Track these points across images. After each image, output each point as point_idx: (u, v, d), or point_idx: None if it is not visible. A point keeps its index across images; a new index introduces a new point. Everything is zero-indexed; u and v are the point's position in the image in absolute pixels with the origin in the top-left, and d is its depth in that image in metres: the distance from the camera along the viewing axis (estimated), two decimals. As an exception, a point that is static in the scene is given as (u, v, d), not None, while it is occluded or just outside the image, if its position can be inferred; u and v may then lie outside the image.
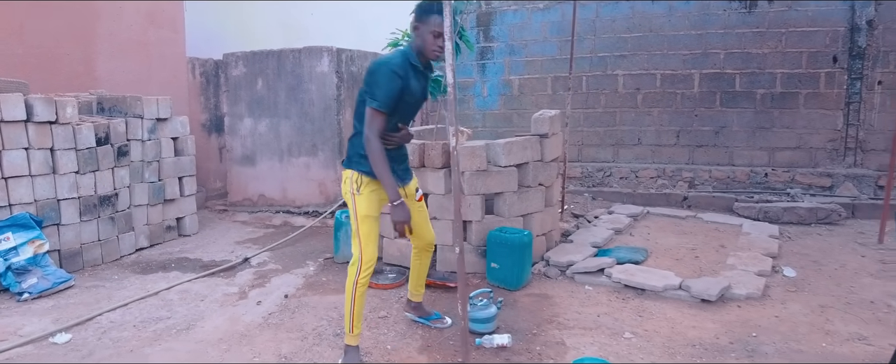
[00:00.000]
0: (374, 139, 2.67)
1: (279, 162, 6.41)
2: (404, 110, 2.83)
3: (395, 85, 2.66)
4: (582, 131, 7.54)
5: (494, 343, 3.12)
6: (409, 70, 2.75)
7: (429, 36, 2.68)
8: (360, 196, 2.81)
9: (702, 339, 3.21)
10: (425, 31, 2.69)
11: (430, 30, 2.67)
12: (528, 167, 4.45)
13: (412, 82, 2.76)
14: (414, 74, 2.78)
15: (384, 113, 2.67)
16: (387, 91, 2.65)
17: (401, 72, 2.68)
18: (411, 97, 2.79)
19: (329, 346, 3.20)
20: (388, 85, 2.65)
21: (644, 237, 5.21)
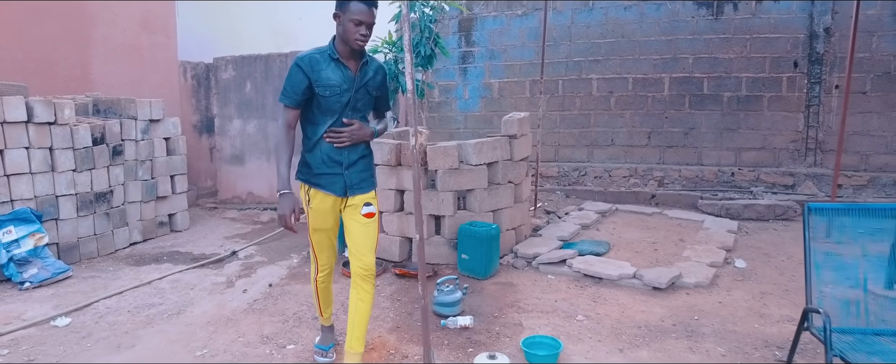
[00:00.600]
0: (279, 130, 2.71)
1: (267, 161, 6.70)
2: (327, 103, 2.69)
3: (297, 77, 2.64)
4: (558, 132, 7.87)
5: (458, 324, 3.43)
6: (322, 62, 2.67)
7: (349, 24, 2.60)
8: (309, 208, 2.82)
9: (648, 321, 3.53)
10: (345, 20, 2.61)
11: (350, 17, 2.59)
12: (498, 166, 4.76)
13: (327, 73, 2.66)
14: (331, 66, 2.68)
15: (289, 107, 2.69)
16: (289, 84, 2.67)
17: (304, 64, 2.65)
18: (328, 89, 2.66)
19: (308, 327, 3.50)
20: (290, 78, 2.67)
21: (609, 232, 5.54)
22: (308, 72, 2.65)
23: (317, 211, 2.82)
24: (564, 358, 3.04)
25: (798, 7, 6.81)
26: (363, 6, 2.59)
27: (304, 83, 2.65)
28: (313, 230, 2.86)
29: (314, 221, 2.85)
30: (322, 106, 2.70)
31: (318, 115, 2.73)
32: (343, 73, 2.70)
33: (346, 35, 2.63)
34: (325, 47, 2.73)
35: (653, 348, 3.16)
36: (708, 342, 3.22)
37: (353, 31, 2.61)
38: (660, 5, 7.24)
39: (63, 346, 3.26)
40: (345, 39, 2.66)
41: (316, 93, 2.66)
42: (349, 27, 2.61)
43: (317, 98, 2.68)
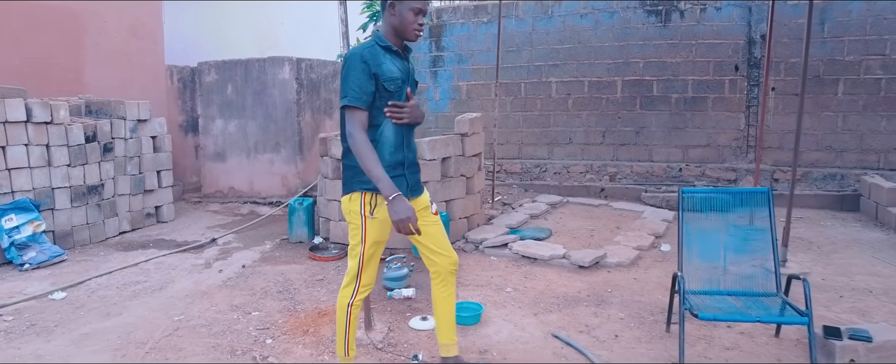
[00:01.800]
0: (358, 133, 2.36)
1: (247, 158, 7.24)
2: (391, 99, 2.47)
3: (364, 75, 2.37)
4: (521, 132, 8.44)
5: (402, 295, 3.99)
6: (381, 53, 2.44)
7: (408, 13, 2.40)
8: (373, 220, 2.49)
9: (567, 293, 4.09)
10: (404, 9, 2.40)
11: (411, 6, 2.40)
12: (450, 161, 5.31)
13: (389, 66, 2.43)
14: (389, 57, 2.46)
15: (359, 108, 2.38)
16: (356, 83, 2.36)
17: (369, 58, 2.39)
18: (392, 83, 2.44)
19: (272, 299, 4.04)
20: (354, 77, 2.36)
21: (556, 221, 6.11)
22: (373, 66, 2.39)
23: (381, 221, 2.51)
24: (485, 319, 3.60)
25: (738, 15, 7.40)
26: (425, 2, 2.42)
27: (372, 80, 2.38)
28: (372, 243, 2.54)
29: (375, 234, 2.53)
30: (387, 99, 2.46)
31: (378, 115, 2.47)
32: (401, 64, 2.51)
33: (404, 25, 2.43)
34: (370, 42, 2.51)
35: (563, 313, 3.72)
36: (613, 309, 3.79)
37: (412, 21, 2.43)
38: (613, 13, 7.82)
39: (60, 315, 3.79)
40: (400, 30, 2.46)
41: (381, 88, 2.41)
42: (408, 16, 2.41)
43: (379, 94, 2.43)
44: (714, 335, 3.35)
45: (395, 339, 3.36)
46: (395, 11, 2.44)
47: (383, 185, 2.33)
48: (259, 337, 3.41)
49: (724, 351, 3.16)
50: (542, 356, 3.12)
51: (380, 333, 3.41)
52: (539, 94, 8.30)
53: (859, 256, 4.84)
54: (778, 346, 3.19)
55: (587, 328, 3.48)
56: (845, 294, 3.98)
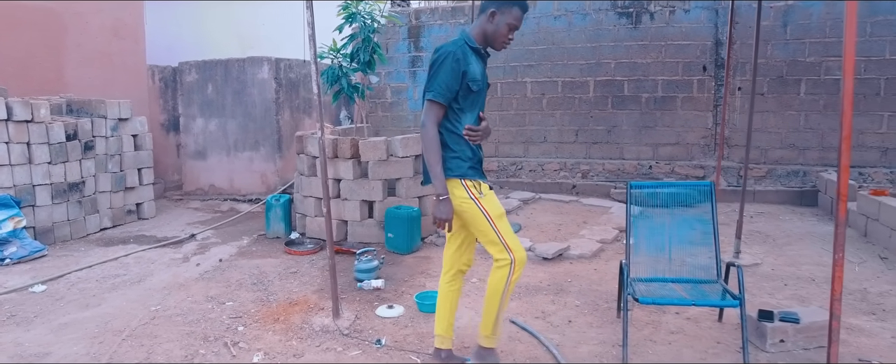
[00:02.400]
0: (431, 127, 2.53)
1: (227, 156, 7.38)
2: (475, 99, 2.63)
3: (456, 73, 2.51)
4: (498, 130, 8.64)
5: (372, 286, 4.17)
6: (470, 54, 2.59)
7: (504, 27, 2.56)
8: (485, 198, 2.62)
9: (529, 283, 4.29)
10: (502, 21, 2.55)
11: (508, 21, 2.55)
12: (422, 158, 5.50)
13: (474, 67, 2.58)
14: (475, 59, 2.61)
15: (441, 104, 2.53)
16: (446, 79, 2.51)
17: (461, 57, 2.53)
18: (476, 83, 2.58)
19: (247, 290, 4.21)
20: (446, 73, 2.50)
21: (526, 216, 6.32)
22: (463, 65, 2.53)
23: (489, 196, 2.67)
24: (449, 308, 3.79)
25: (705, 17, 7.66)
26: (522, 13, 2.59)
27: (459, 79, 2.52)
28: (498, 217, 2.64)
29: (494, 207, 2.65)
30: (469, 100, 2.60)
31: (463, 112, 2.61)
32: (482, 67, 2.66)
33: (497, 36, 2.59)
34: (459, 39, 2.64)
35: (523, 300, 3.92)
36: (570, 297, 3.99)
37: (506, 34, 2.59)
38: (585, 15, 8.05)
39: (39, 306, 3.93)
40: (491, 39, 2.62)
41: (465, 87, 2.55)
42: (502, 30, 2.58)
43: (463, 93, 2.57)
44: (662, 321, 3.57)
45: (362, 325, 3.54)
46: (494, 21, 2.59)
47: (438, 183, 2.55)
48: (231, 325, 3.58)
49: (669, 335, 3.38)
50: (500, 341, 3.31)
51: (347, 321, 3.59)
52: (515, 94, 8.51)
53: (809, 248, 5.09)
54: (720, 329, 3.41)
55: (543, 314, 3.68)
56: (790, 282, 4.22)
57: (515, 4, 2.57)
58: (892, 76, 7.09)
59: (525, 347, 3.22)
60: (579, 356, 3.12)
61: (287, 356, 3.16)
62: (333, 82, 5.79)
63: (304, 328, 3.52)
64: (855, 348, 3.15)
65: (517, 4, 2.58)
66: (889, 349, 3.15)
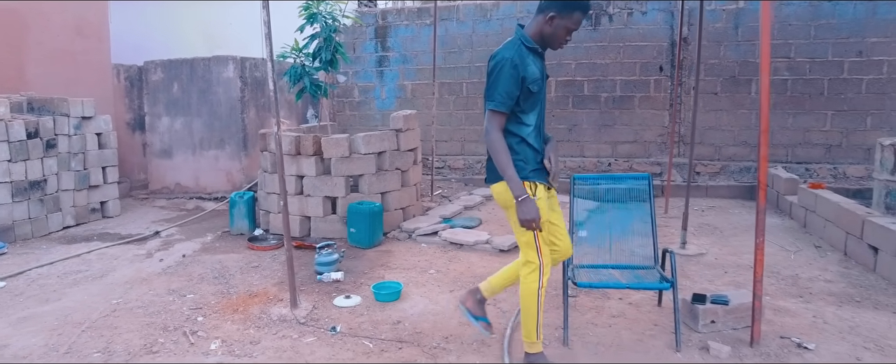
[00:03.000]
0: (494, 133, 2.59)
1: (192, 155, 7.42)
2: (536, 99, 2.67)
3: (514, 81, 2.55)
4: (464, 129, 8.82)
5: (331, 278, 4.29)
6: (527, 55, 2.62)
7: (562, 30, 2.58)
8: (538, 202, 2.63)
9: (484, 273, 4.45)
10: (561, 24, 2.56)
11: (567, 24, 2.56)
12: (385, 155, 5.64)
13: (532, 67, 2.61)
14: (532, 58, 2.64)
15: (503, 113, 2.59)
16: (506, 88, 2.55)
17: (518, 63, 2.56)
18: (535, 83, 2.61)
19: (208, 283, 4.30)
20: (505, 82, 2.54)
21: (488, 211, 6.50)
22: (522, 70, 2.56)
23: (542, 201, 2.70)
24: (405, 296, 3.94)
25: (662, 19, 7.94)
26: (583, 15, 2.59)
27: (519, 85, 2.56)
28: (543, 223, 2.68)
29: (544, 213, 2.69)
30: (529, 101, 2.64)
31: (524, 114, 2.66)
32: (541, 65, 2.69)
33: (554, 37, 2.62)
34: (515, 41, 2.66)
35: (476, 290, 4.09)
36: (522, 286, 4.17)
37: (563, 36, 2.62)
38: (547, 17, 8.26)
39: (-1, 301, 3.97)
40: (549, 40, 2.64)
41: (525, 89, 2.60)
42: (560, 33, 2.60)
43: (524, 94, 2.61)
44: (605, 306, 3.77)
45: (318, 315, 3.67)
46: (553, 24, 2.58)
47: (514, 185, 2.55)
48: (191, 315, 3.67)
49: (611, 318, 3.57)
50: (448, 325, 3.47)
51: (304, 311, 3.71)
52: (480, 94, 8.68)
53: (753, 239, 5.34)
54: (658, 313, 3.62)
55: (494, 301, 3.85)
56: (730, 270, 4.46)
57: (577, 8, 2.55)
58: (835, 77, 7.45)
59: (474, 331, 3.38)
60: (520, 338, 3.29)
61: (244, 343, 3.27)
62: (296, 81, 5.89)
63: (263, 318, 3.63)
64: (779, 327, 3.39)
65: (579, 8, 2.56)
66: (809, 327, 3.39)
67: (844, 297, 3.89)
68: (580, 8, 2.57)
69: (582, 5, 2.57)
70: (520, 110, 2.63)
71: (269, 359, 3.08)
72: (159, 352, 3.17)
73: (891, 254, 4.09)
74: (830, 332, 3.33)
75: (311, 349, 3.18)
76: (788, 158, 7.76)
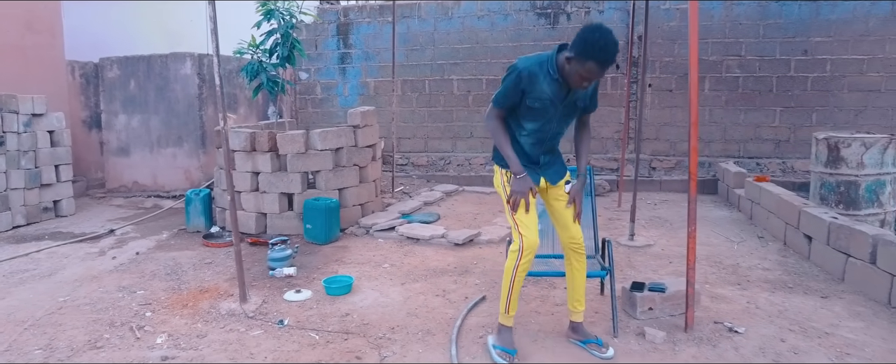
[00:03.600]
0: (491, 119, 2.85)
1: (150, 153, 7.34)
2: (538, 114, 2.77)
3: (516, 89, 2.70)
4: (427, 126, 8.88)
5: (284, 273, 4.32)
6: (540, 76, 2.69)
7: (576, 75, 2.60)
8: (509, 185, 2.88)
9: (438, 266, 4.54)
10: (573, 69, 2.59)
11: (580, 71, 2.57)
12: (343, 151, 5.67)
13: (542, 87, 2.69)
14: (547, 80, 2.70)
15: (499, 108, 2.80)
16: (505, 92, 2.74)
17: (524, 77, 2.68)
18: (539, 101, 2.72)
19: (160, 280, 4.28)
20: (507, 87, 2.73)
21: (447, 207, 6.58)
22: (526, 85, 2.70)
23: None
24: (356, 289, 3.99)
25: (618, 18, 8.11)
26: (597, 68, 2.54)
27: (519, 95, 2.72)
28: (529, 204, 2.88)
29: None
30: (530, 114, 2.78)
31: (524, 120, 2.81)
32: (558, 90, 2.72)
33: (571, 77, 2.64)
34: (547, 57, 2.72)
35: (428, 281, 4.16)
36: (472, 277, 4.26)
37: (578, 81, 2.62)
38: (507, 15, 8.38)
39: (-59, 300, 3.90)
40: (566, 77, 2.67)
41: (525, 102, 2.74)
42: (575, 76, 2.61)
43: (524, 107, 2.76)
44: (550, 295, 3.87)
45: (268, 309, 3.69)
46: (570, 65, 2.61)
47: (513, 164, 2.81)
48: (140, 311, 3.67)
49: (554, 307, 3.68)
50: (396, 316, 3.53)
51: (254, 305, 3.73)
52: (442, 91, 8.76)
53: (700, 231, 5.49)
54: (601, 301, 3.73)
55: (444, 293, 3.93)
56: (675, 260, 4.62)
57: (591, 58, 2.51)
58: (783, 74, 7.72)
59: (420, 321, 3.45)
60: (469, 327, 3.38)
61: (191, 336, 3.28)
62: (253, 77, 5.90)
63: (212, 312, 3.65)
64: (714, 313, 3.53)
65: (593, 58, 2.51)
66: (741, 312, 3.54)
67: (779, 283, 4.06)
68: (595, 59, 2.51)
69: (598, 56, 2.51)
70: (520, 115, 2.81)
71: (215, 351, 3.11)
72: (104, 347, 3.17)
73: (822, 242, 4.29)
74: (761, 316, 3.49)
75: (257, 342, 3.22)
76: (741, 154, 8.01)
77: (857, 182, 4.69)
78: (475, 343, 3.17)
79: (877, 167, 4.67)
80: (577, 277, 3.06)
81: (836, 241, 4.12)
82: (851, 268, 3.95)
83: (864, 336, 3.19)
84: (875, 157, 4.66)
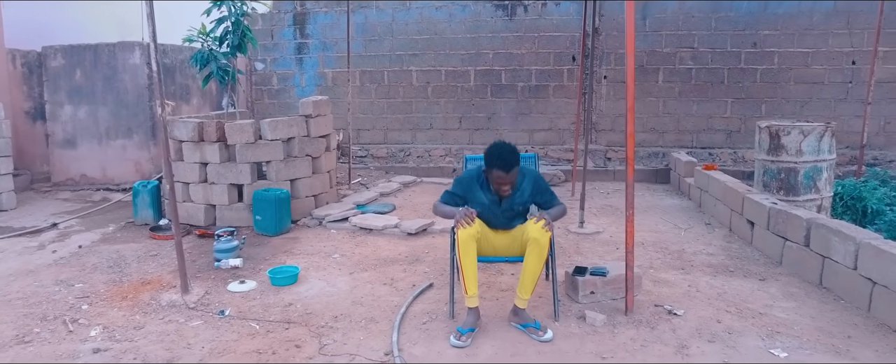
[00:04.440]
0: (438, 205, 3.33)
1: (98, 144, 7.12)
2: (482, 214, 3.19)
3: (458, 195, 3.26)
4: (386, 118, 8.84)
5: (229, 265, 4.24)
6: (475, 184, 3.23)
7: (493, 182, 3.09)
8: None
9: (389, 255, 4.52)
10: (489, 176, 3.10)
11: (491, 178, 3.08)
12: (294, 141, 5.59)
13: (478, 194, 3.20)
14: (481, 190, 3.21)
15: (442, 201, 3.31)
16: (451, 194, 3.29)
17: (466, 185, 3.25)
18: (479, 205, 3.18)
19: (101, 273, 4.16)
20: (453, 190, 3.29)
21: (404, 198, 6.56)
22: (464, 192, 3.25)
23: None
24: (303, 279, 3.95)
25: (574, 10, 8.18)
26: (502, 173, 3.01)
27: (462, 200, 3.25)
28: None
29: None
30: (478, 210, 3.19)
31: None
32: (491, 198, 3.21)
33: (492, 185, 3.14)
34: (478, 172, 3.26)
35: (377, 271, 4.14)
36: (422, 266, 4.25)
37: (495, 186, 3.11)
38: (465, 6, 8.38)
39: None
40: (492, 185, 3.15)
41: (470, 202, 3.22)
42: (494, 184, 3.11)
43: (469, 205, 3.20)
44: (497, 281, 3.89)
45: (210, 300, 3.63)
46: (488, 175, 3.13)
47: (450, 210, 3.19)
48: (76, 304, 3.56)
49: (499, 292, 3.70)
50: (341, 305, 3.51)
51: (196, 296, 3.66)
52: (401, 82, 8.72)
53: (650, 218, 5.64)
54: (545, 286, 3.74)
55: (392, 281, 3.92)
56: (621, 247, 4.67)
57: (492, 166, 3.04)
58: (734, 66, 7.91)
59: (364, 310, 3.43)
60: (414, 313, 3.37)
61: (127, 328, 3.20)
62: (203, 65, 5.76)
63: (152, 304, 3.56)
64: (655, 297, 3.60)
65: (493, 165, 3.03)
66: (682, 296, 3.62)
67: (721, 267, 4.17)
68: (495, 166, 3.03)
69: (497, 164, 3.02)
70: None
71: (151, 342, 3.03)
72: (32, 341, 3.06)
73: (763, 227, 4.41)
74: (700, 299, 3.57)
75: (195, 332, 3.15)
76: (694, 144, 8.19)
77: (797, 169, 4.83)
78: (418, 329, 3.17)
79: (814, 154, 4.81)
80: (529, 264, 3.09)
81: (775, 225, 4.24)
82: (788, 251, 4.07)
83: (794, 315, 3.30)
84: (812, 145, 4.81)
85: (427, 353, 2.89)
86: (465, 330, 3.00)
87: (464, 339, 2.95)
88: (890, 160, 7.73)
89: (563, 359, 2.84)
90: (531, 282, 3.12)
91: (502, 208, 3.24)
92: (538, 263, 3.09)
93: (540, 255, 3.06)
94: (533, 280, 3.12)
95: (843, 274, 3.50)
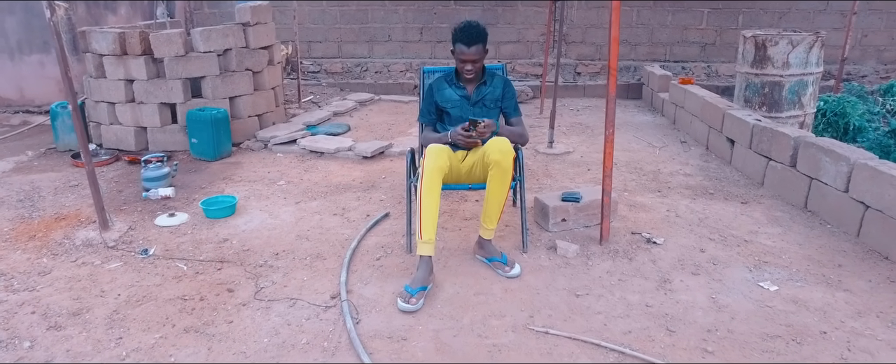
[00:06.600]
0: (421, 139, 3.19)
1: (10, 61, 6.29)
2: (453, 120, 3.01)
3: (429, 100, 3.08)
4: (339, 28, 8.10)
5: (159, 195, 3.76)
6: (443, 83, 3.07)
7: (458, 64, 2.95)
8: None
9: (341, 182, 4.09)
10: (455, 56, 2.94)
11: (457, 56, 2.93)
12: (232, 53, 4.95)
13: (447, 92, 3.04)
14: (451, 87, 3.05)
15: (426, 122, 3.13)
16: (425, 106, 3.12)
17: (435, 88, 3.07)
18: (452, 105, 3.03)
19: (8, 208, 3.64)
20: (424, 102, 3.12)
21: (360, 117, 6.05)
22: (436, 95, 3.06)
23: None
24: (241, 210, 3.51)
25: None
26: (464, 47, 2.87)
27: (433, 103, 3.07)
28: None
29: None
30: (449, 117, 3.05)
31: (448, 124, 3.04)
32: (461, 93, 3.04)
33: (458, 69, 2.99)
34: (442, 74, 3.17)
35: (326, 199, 3.73)
36: (378, 193, 3.85)
37: (461, 67, 2.95)
38: None
39: None
40: (460, 75, 3.02)
41: (442, 108, 3.06)
42: (459, 66, 2.97)
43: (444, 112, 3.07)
44: (459, 208, 3.54)
45: (134, 237, 3.18)
46: (454, 58, 2.98)
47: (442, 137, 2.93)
48: (-30, 246, 3.07)
49: (462, 221, 3.35)
50: (284, 240, 3.11)
51: (117, 233, 3.21)
52: (354, -12, 7.93)
53: (622, 136, 5.29)
54: (511, 213, 3.42)
55: (343, 211, 3.52)
56: (593, 167, 4.36)
57: (456, 42, 2.90)
58: (713, -29, 7.37)
59: (309, 245, 3.04)
60: (366, 248, 3.01)
61: (30, 275, 2.75)
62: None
63: (64, 244, 3.10)
64: (632, 223, 3.30)
65: (458, 41, 2.89)
66: (660, 221, 3.33)
67: (700, 189, 3.89)
68: (457, 39, 2.89)
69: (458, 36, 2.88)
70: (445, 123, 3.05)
71: (57, 290, 2.60)
72: (-89, 292, 2.60)
73: (745, 146, 4.11)
74: (681, 225, 3.29)
75: (112, 276, 2.73)
76: (667, 57, 7.77)
77: (782, 83, 4.49)
78: (371, 266, 2.81)
79: (801, 67, 4.47)
80: (492, 191, 2.69)
81: (758, 144, 3.94)
82: (771, 171, 3.79)
83: (781, 242, 3.05)
84: (801, 57, 4.45)
85: (380, 295, 2.54)
86: (414, 289, 2.46)
87: (413, 301, 2.42)
88: (863, 74, 7.50)
89: (532, 296, 2.53)
90: (496, 210, 2.75)
91: (473, 102, 3.04)
92: (502, 189, 2.69)
93: (503, 179, 2.66)
94: (498, 208, 2.75)
95: (832, 196, 3.24)
